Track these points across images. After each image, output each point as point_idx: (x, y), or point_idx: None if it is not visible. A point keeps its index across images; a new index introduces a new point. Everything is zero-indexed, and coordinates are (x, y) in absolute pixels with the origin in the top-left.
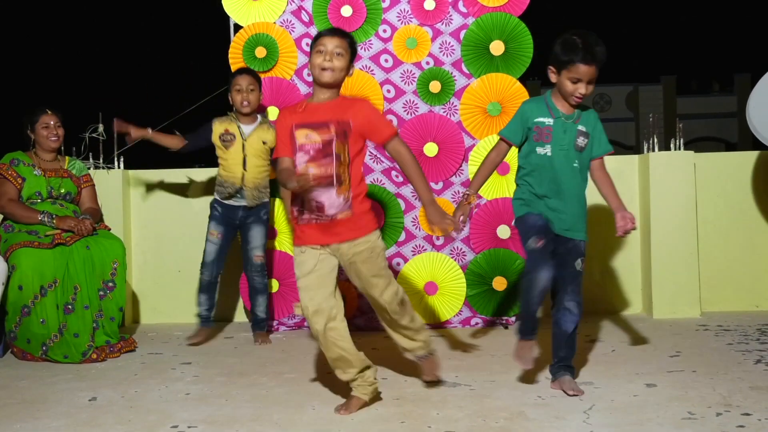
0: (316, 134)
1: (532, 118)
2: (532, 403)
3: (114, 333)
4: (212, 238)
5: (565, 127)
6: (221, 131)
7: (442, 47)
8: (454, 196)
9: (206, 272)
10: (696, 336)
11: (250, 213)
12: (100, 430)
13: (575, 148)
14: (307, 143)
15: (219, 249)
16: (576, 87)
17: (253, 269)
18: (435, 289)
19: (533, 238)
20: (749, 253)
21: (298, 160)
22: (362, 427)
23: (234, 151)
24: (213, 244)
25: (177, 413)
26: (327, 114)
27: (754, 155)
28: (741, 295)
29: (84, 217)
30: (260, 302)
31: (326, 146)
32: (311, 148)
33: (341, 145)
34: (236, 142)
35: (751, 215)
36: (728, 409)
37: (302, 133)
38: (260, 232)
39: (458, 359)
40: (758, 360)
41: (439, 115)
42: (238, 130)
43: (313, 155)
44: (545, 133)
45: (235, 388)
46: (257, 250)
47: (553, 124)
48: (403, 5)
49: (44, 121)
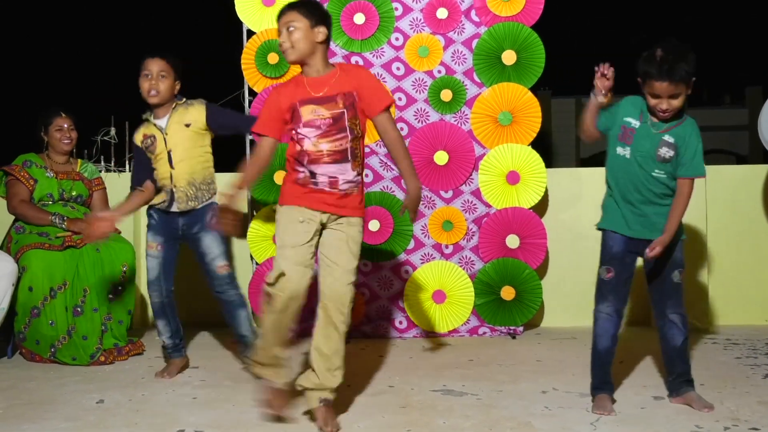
0: (324, 109)
1: (623, 116)
2: (539, 414)
3: (122, 336)
4: (151, 252)
5: (649, 133)
6: (141, 139)
7: (454, 56)
8: (463, 204)
9: (154, 293)
10: (704, 349)
11: (195, 220)
12: None
13: (657, 158)
14: (315, 119)
15: (162, 263)
16: (657, 102)
17: (221, 283)
18: (443, 297)
19: (604, 268)
20: (759, 267)
21: (308, 135)
22: None
23: (159, 151)
24: (153, 258)
25: (184, 417)
26: (330, 88)
27: (765, 168)
28: (750, 308)
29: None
30: (242, 319)
31: (338, 120)
32: (322, 124)
33: (353, 119)
34: (158, 141)
35: (761, 228)
36: (736, 423)
37: (308, 109)
38: (214, 240)
39: (465, 368)
40: (767, 375)
41: (450, 123)
42: (155, 129)
43: (325, 130)
44: (628, 134)
45: (241, 393)
46: (218, 260)
47: (638, 128)
48: (415, 14)
49: (58, 123)
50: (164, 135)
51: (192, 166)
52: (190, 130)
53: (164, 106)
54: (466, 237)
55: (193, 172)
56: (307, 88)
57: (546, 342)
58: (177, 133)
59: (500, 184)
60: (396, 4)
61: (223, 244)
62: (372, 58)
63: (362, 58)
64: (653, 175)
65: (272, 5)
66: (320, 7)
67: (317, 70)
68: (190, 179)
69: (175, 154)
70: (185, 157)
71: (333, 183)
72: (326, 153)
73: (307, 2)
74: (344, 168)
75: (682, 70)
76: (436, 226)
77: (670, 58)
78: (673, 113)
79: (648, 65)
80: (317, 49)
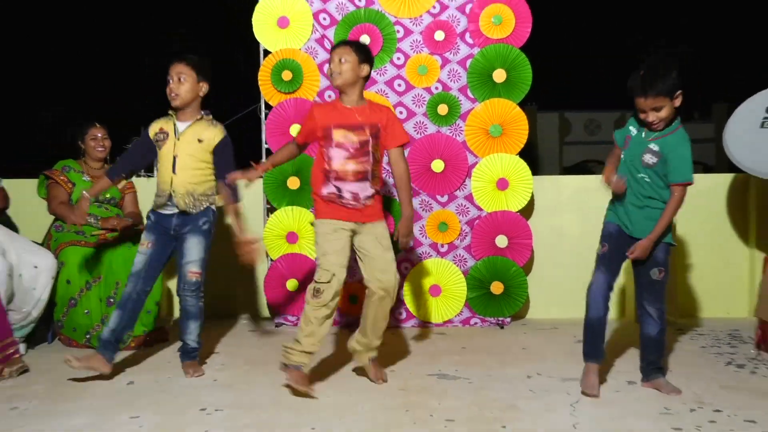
0: (354, 135)
1: (629, 125)
2: (524, 396)
3: (150, 324)
4: (142, 248)
5: (640, 140)
6: (156, 130)
7: (450, 74)
8: (458, 208)
9: (129, 283)
10: (673, 339)
11: (187, 221)
12: (136, 411)
13: (642, 163)
14: (345, 142)
15: (148, 260)
16: (644, 116)
17: (186, 288)
18: (438, 291)
19: (600, 245)
20: (722, 266)
21: (337, 156)
22: (371, 414)
23: (165, 151)
24: (141, 255)
25: (205, 397)
26: (363, 118)
27: (729, 177)
28: (714, 303)
29: (126, 219)
30: (192, 329)
31: (363, 146)
32: (351, 147)
33: (375, 147)
34: (168, 140)
35: (724, 231)
36: (701, 405)
37: (340, 133)
38: (197, 244)
39: (458, 355)
40: (729, 362)
41: (446, 135)
42: (173, 128)
43: (353, 153)
44: (628, 141)
45: (257, 376)
46: (192, 265)
47: (634, 135)
48: (415, 36)
49: (92, 133)
50: (176, 139)
51: (193, 177)
52: (201, 146)
53: (189, 113)
54: (459, 237)
55: (194, 183)
56: (343, 114)
57: (531, 332)
58: (188, 142)
59: (491, 189)
60: (398, 27)
61: (203, 253)
62: (376, 76)
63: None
64: (638, 177)
65: (286, 27)
66: (369, 50)
67: (353, 101)
68: (190, 189)
69: (179, 161)
70: (188, 167)
71: (356, 198)
72: (351, 173)
73: (359, 43)
74: (365, 186)
75: (662, 85)
76: (433, 227)
77: (650, 74)
78: (663, 124)
79: (633, 82)
80: (358, 82)
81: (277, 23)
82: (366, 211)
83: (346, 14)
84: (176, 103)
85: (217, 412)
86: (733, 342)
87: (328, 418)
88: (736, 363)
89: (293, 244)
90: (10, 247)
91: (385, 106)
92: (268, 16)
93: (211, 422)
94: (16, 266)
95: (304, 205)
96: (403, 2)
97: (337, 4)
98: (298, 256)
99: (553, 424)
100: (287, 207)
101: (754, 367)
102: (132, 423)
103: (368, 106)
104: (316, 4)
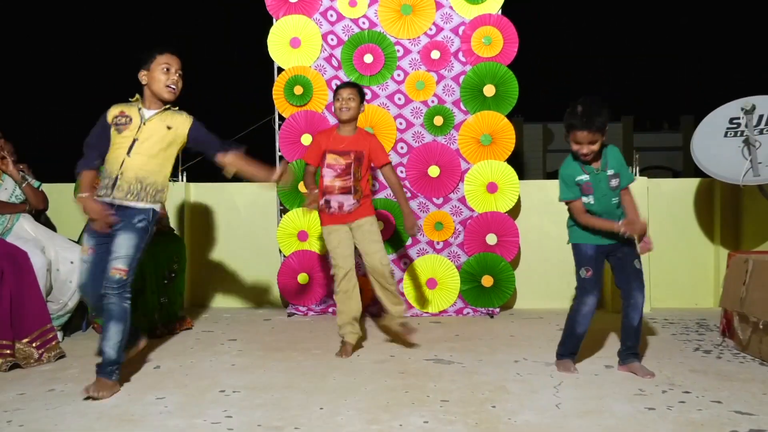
0: (341, 158)
1: (574, 177)
2: (512, 379)
3: (175, 314)
4: (84, 256)
5: (599, 178)
6: (116, 113)
7: (445, 89)
8: (452, 209)
9: (86, 297)
10: (646, 327)
11: (123, 216)
12: (162, 393)
13: (611, 190)
14: (335, 164)
15: (92, 269)
16: (578, 147)
17: (108, 284)
18: (435, 284)
19: (584, 269)
20: (691, 261)
21: (328, 174)
22: (373, 395)
23: (125, 134)
24: (84, 263)
25: (224, 380)
26: (349, 145)
27: (695, 182)
28: (684, 294)
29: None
30: (111, 333)
31: (347, 167)
32: (338, 168)
33: (357, 167)
34: (132, 125)
35: (692, 230)
36: (672, 387)
37: (332, 157)
38: (127, 240)
39: (452, 342)
40: (696, 348)
41: (441, 143)
42: (137, 113)
43: (339, 173)
44: (586, 187)
45: (271, 361)
46: (117, 261)
47: (589, 179)
48: (414, 54)
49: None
50: (142, 123)
51: (148, 164)
52: (168, 133)
53: (158, 103)
54: (453, 235)
55: (147, 170)
56: (335, 141)
57: (518, 321)
58: (155, 129)
59: (482, 192)
60: (398, 47)
61: (132, 250)
62: (378, 90)
63: (370, 90)
64: (612, 202)
65: (298, 47)
66: (365, 93)
67: (348, 131)
68: (141, 175)
69: (138, 145)
70: (146, 153)
71: (340, 206)
72: (337, 188)
73: (360, 86)
74: (348, 198)
75: (599, 121)
76: (430, 226)
77: (589, 111)
78: (592, 156)
79: (572, 118)
80: (356, 118)
81: (289, 43)
82: (352, 214)
83: (351, 35)
84: (171, 97)
85: (234, 393)
86: (700, 330)
87: (335, 398)
88: (703, 349)
89: (304, 242)
90: (48, 245)
91: (371, 134)
92: (282, 37)
93: (229, 402)
94: (54, 262)
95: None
96: (403, 25)
97: (344, 26)
98: (308, 253)
99: (538, 403)
100: (299, 208)
101: (719, 352)
102: (158, 403)
103: (358, 135)
104: (325, 26)
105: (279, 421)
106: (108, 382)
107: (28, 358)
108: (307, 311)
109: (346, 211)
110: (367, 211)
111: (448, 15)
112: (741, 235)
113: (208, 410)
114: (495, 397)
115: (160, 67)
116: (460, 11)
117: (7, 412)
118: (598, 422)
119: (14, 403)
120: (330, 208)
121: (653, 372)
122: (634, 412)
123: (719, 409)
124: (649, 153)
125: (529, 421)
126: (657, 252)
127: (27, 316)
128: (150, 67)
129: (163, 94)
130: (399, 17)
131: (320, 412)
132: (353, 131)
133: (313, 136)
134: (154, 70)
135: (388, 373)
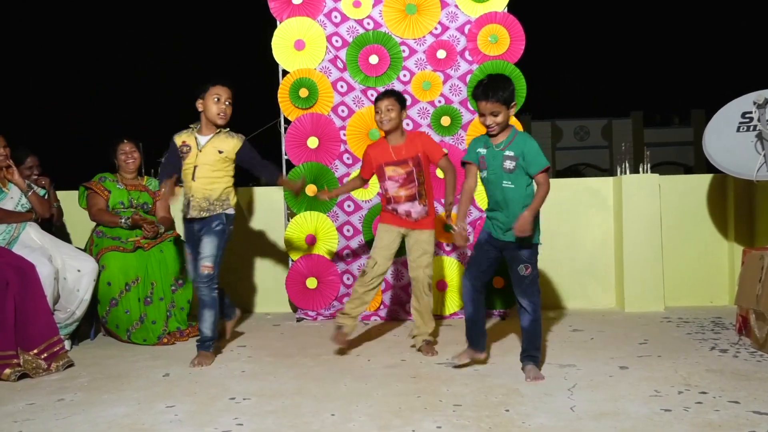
0: (400, 168)
1: (476, 147)
2: (525, 382)
3: (183, 321)
4: (190, 259)
5: (494, 154)
6: (179, 143)
7: (452, 89)
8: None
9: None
10: (661, 327)
11: (203, 224)
12: (171, 401)
13: (504, 170)
14: (395, 175)
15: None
16: (483, 119)
17: (200, 280)
18: (445, 286)
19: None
20: (704, 258)
21: (391, 186)
22: (385, 400)
23: (188, 162)
24: (190, 264)
25: (234, 387)
26: (404, 153)
27: (708, 177)
28: (698, 292)
29: (158, 225)
30: (206, 317)
31: (409, 175)
32: (399, 178)
33: (419, 172)
34: (191, 153)
35: (705, 226)
36: (688, 388)
37: (390, 169)
38: (210, 242)
39: (464, 345)
40: (713, 347)
41: (449, 144)
42: (194, 142)
43: (401, 183)
44: (482, 161)
45: (282, 367)
46: (206, 260)
47: (486, 153)
48: (419, 54)
49: (122, 148)
50: (198, 151)
51: (211, 185)
52: (221, 157)
53: (212, 128)
54: None
55: (211, 189)
56: (390, 153)
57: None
58: (209, 154)
59: None
60: (403, 47)
61: (216, 249)
62: None
63: (375, 91)
64: (503, 186)
65: (302, 49)
66: (404, 97)
67: (397, 140)
68: (207, 195)
69: (198, 170)
70: (207, 176)
71: (408, 214)
72: (404, 197)
73: (399, 93)
74: (414, 204)
75: (500, 94)
76: (438, 228)
77: (494, 84)
78: (498, 128)
79: (476, 89)
80: (400, 125)
81: (294, 46)
82: (418, 223)
83: (356, 36)
84: (222, 122)
85: (245, 401)
86: (716, 329)
87: (346, 404)
88: (719, 348)
89: (312, 246)
90: (55, 254)
91: (420, 134)
92: (286, 40)
93: (239, 410)
94: (61, 270)
95: (322, 210)
96: (408, 24)
97: (348, 28)
98: (316, 257)
99: (553, 406)
100: (306, 212)
101: (736, 351)
102: (168, 412)
103: (408, 141)
104: (329, 28)
105: (290, 428)
106: (208, 354)
107: (37, 369)
108: (317, 316)
109: (413, 219)
110: (430, 224)
111: (454, 14)
112: (755, 232)
113: (218, 418)
114: (508, 400)
115: (212, 97)
116: (465, 10)
117: (17, 422)
118: (614, 424)
119: (24, 413)
120: (397, 213)
121: (543, 376)
122: (650, 413)
123: (737, 409)
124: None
125: (544, 424)
126: (670, 250)
127: (33, 328)
128: (204, 96)
129: (216, 120)
130: (404, 17)
131: (332, 418)
132: (402, 138)
133: (319, 139)
134: (207, 99)
135: (399, 377)
